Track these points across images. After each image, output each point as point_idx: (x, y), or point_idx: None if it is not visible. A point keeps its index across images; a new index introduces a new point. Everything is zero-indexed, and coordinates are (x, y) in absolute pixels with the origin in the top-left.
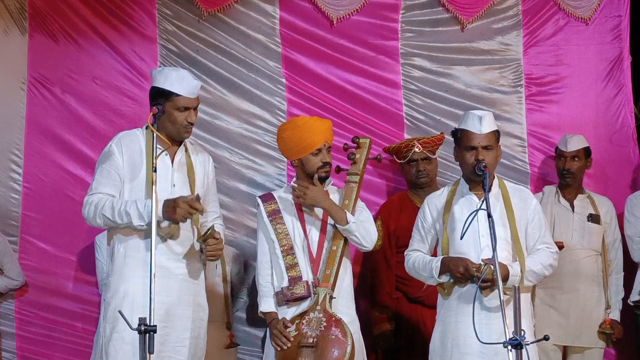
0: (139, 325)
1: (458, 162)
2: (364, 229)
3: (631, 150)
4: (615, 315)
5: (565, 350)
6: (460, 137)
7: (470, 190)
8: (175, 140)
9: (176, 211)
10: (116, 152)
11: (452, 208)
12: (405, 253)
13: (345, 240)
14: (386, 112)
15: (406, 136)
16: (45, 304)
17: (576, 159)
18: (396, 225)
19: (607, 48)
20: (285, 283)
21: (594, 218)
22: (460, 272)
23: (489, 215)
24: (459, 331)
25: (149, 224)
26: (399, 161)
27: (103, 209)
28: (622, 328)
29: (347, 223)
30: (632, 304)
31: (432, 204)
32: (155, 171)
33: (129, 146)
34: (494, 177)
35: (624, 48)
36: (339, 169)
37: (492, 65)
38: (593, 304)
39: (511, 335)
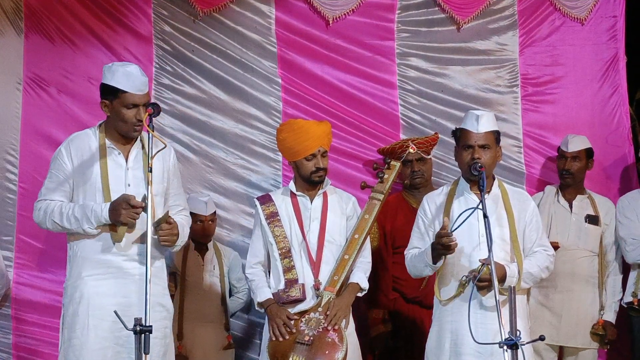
0: (135, 325)
1: (457, 162)
2: (368, 270)
3: (626, 150)
4: (610, 316)
5: (561, 351)
6: (459, 136)
7: (470, 189)
8: (128, 138)
9: (120, 213)
10: (64, 156)
11: (452, 207)
12: (405, 252)
13: (358, 251)
14: (382, 112)
15: (402, 136)
16: (41, 303)
17: (577, 159)
18: (392, 226)
19: (602, 48)
20: (282, 285)
21: (592, 219)
22: (439, 244)
23: (485, 216)
24: (455, 331)
25: (98, 227)
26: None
27: (52, 213)
28: (616, 330)
29: (362, 289)
30: (625, 305)
31: (432, 201)
32: (150, 171)
33: (79, 148)
34: (494, 178)
35: (620, 48)
36: (364, 185)
37: (488, 66)
38: (587, 305)
39: (507, 336)
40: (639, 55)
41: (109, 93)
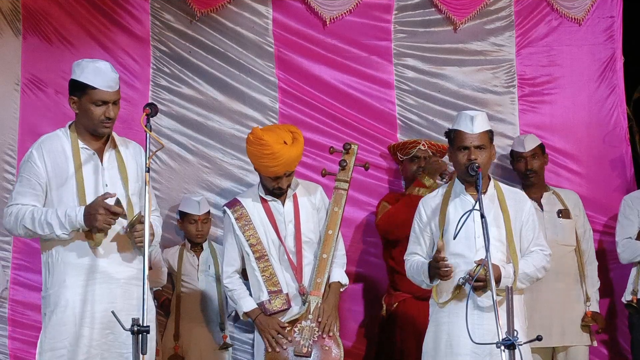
0: (132, 325)
1: (452, 163)
2: (344, 263)
3: (624, 150)
4: (595, 306)
5: (553, 350)
6: (454, 137)
7: (465, 190)
8: (99, 137)
9: (96, 218)
10: (36, 159)
11: (447, 208)
12: (404, 257)
13: (335, 247)
14: (379, 112)
15: (399, 137)
16: (38, 304)
17: (536, 157)
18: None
19: (599, 49)
20: (265, 296)
21: (564, 213)
22: (438, 271)
23: (482, 216)
24: (452, 331)
25: (72, 233)
26: (401, 158)
27: (23, 219)
28: (604, 318)
29: (343, 285)
30: (625, 302)
31: (427, 204)
32: (148, 171)
33: (51, 150)
34: (490, 179)
35: (617, 49)
36: (325, 172)
37: (485, 66)
38: (574, 301)
39: (504, 336)
40: (636, 55)
41: (78, 89)
